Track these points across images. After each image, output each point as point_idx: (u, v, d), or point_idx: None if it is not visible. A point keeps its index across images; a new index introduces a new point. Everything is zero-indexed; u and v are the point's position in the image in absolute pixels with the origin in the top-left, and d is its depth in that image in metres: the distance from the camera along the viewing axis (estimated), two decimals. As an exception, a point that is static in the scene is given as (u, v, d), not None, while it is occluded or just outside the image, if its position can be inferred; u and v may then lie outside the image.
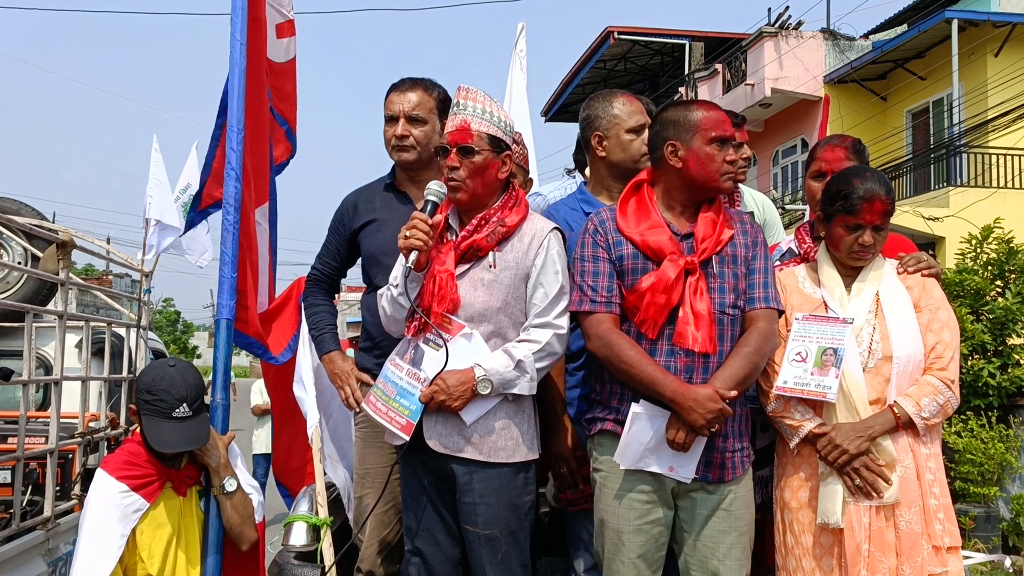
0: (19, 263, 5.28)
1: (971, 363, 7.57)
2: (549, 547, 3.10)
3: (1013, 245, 8.00)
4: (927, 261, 2.71)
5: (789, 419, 2.57)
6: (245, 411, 9.62)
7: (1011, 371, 7.60)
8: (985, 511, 7.21)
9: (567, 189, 3.42)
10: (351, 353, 3.30)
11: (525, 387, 2.53)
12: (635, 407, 2.46)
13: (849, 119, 16.18)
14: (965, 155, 14.96)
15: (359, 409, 2.85)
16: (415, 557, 2.66)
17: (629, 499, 2.49)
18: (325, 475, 3.29)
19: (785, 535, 2.60)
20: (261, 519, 2.85)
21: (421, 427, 2.55)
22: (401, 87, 3.01)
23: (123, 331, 5.38)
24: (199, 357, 52.42)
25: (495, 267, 2.58)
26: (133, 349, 5.16)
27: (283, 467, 4.14)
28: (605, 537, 2.53)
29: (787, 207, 16.41)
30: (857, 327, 2.54)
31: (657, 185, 2.62)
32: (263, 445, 8.71)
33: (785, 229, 3.81)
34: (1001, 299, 7.76)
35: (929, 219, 13.94)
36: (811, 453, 2.55)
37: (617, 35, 20.64)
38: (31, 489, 4.28)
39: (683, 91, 20.34)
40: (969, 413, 7.56)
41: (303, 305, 3.25)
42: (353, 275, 3.42)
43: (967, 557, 2.99)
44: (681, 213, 2.59)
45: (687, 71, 20.73)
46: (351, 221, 3.06)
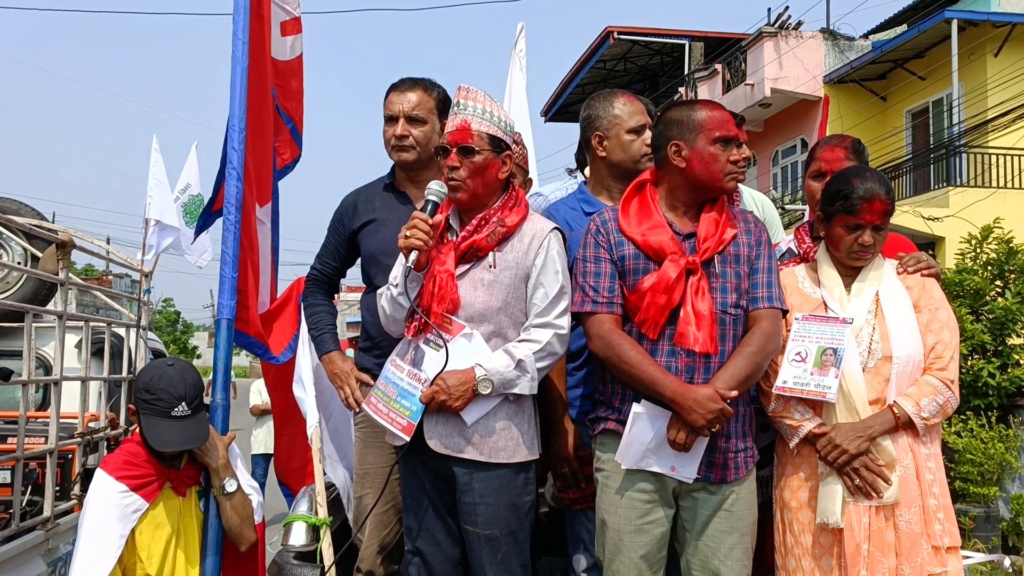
0: (19, 263, 5.28)
1: (971, 363, 7.57)
2: (549, 547, 3.10)
3: (1013, 245, 8.00)
4: (927, 261, 2.71)
5: (789, 419, 2.57)
6: (244, 411, 9.62)
7: (1011, 371, 7.60)
8: (985, 511, 7.21)
9: (568, 189, 3.41)
10: (351, 353, 3.30)
11: (526, 387, 2.53)
12: (636, 407, 2.46)
13: (849, 119, 16.18)
14: (965, 155, 14.97)
15: (359, 409, 2.85)
16: (415, 557, 2.66)
17: (630, 499, 2.49)
18: (325, 475, 3.29)
19: (785, 535, 2.60)
20: (260, 520, 2.85)
21: (421, 427, 2.55)
22: (401, 87, 3.01)
23: (123, 331, 5.37)
24: (199, 357, 52.40)
25: (495, 267, 2.58)
26: (133, 349, 5.16)
27: (284, 467, 4.14)
28: (606, 537, 2.53)
29: (787, 207, 16.42)
30: (857, 327, 2.54)
31: (660, 185, 2.62)
32: (262, 445, 8.70)
33: (785, 229, 3.81)
34: (1001, 299, 7.76)
35: (929, 219, 13.94)
36: (811, 453, 2.55)
37: (617, 35, 20.65)
38: (31, 489, 4.28)
39: (683, 91, 20.34)
40: (969, 413, 7.56)
41: (302, 305, 3.25)
42: (353, 275, 3.42)
43: (967, 557, 2.99)
44: (684, 213, 2.59)
45: (687, 71, 20.74)
46: (350, 221, 3.06)
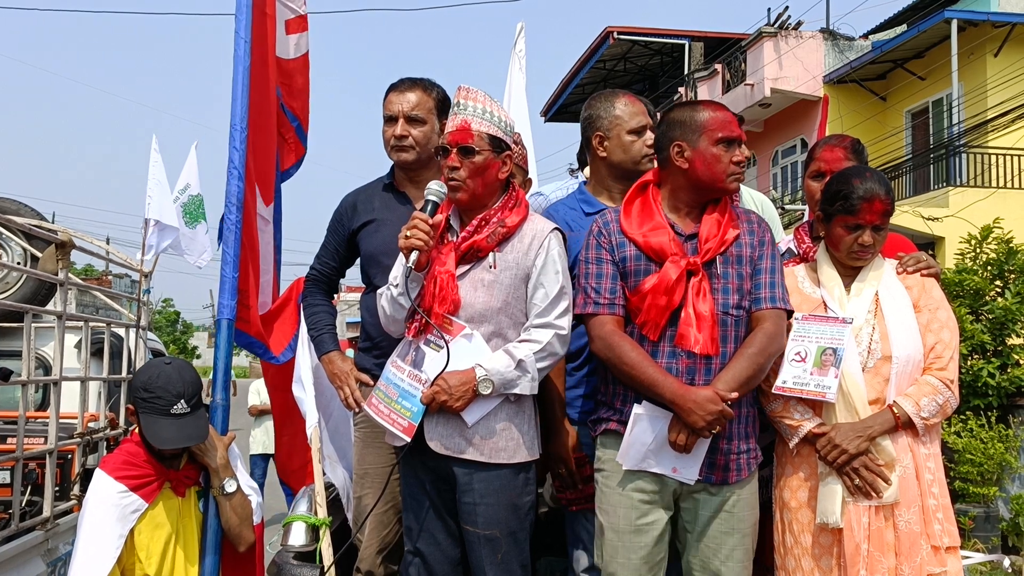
0: (18, 263, 5.28)
1: (970, 363, 7.57)
2: (548, 547, 3.10)
3: (1012, 245, 7.99)
4: (926, 261, 2.71)
5: (788, 419, 2.57)
6: (243, 411, 9.62)
7: (1010, 371, 7.60)
8: (984, 511, 7.21)
9: (569, 188, 3.41)
10: (350, 353, 3.30)
11: (526, 387, 2.53)
12: (637, 408, 2.46)
13: (849, 119, 16.19)
14: (964, 155, 14.97)
15: (358, 409, 2.85)
16: (415, 558, 2.66)
17: (630, 499, 2.49)
18: (324, 475, 3.29)
19: (784, 535, 2.59)
20: (260, 520, 2.85)
21: (422, 428, 2.54)
22: (400, 87, 3.01)
23: (122, 331, 5.37)
24: (199, 357, 52.40)
25: (495, 268, 2.58)
26: (132, 349, 5.16)
27: (285, 467, 4.14)
28: (606, 537, 2.53)
29: (787, 207, 16.42)
30: (856, 327, 2.54)
31: (663, 186, 2.62)
32: (260, 445, 8.70)
33: (785, 229, 3.81)
34: (1000, 299, 7.75)
35: (928, 219, 13.95)
36: (810, 453, 2.55)
37: (617, 35, 20.65)
38: (30, 489, 4.28)
39: (683, 91, 20.35)
40: (968, 413, 7.55)
41: (302, 305, 3.25)
42: (352, 275, 3.42)
43: (966, 557, 2.99)
44: (687, 214, 2.59)
45: (687, 71, 20.74)
46: (350, 221, 3.05)
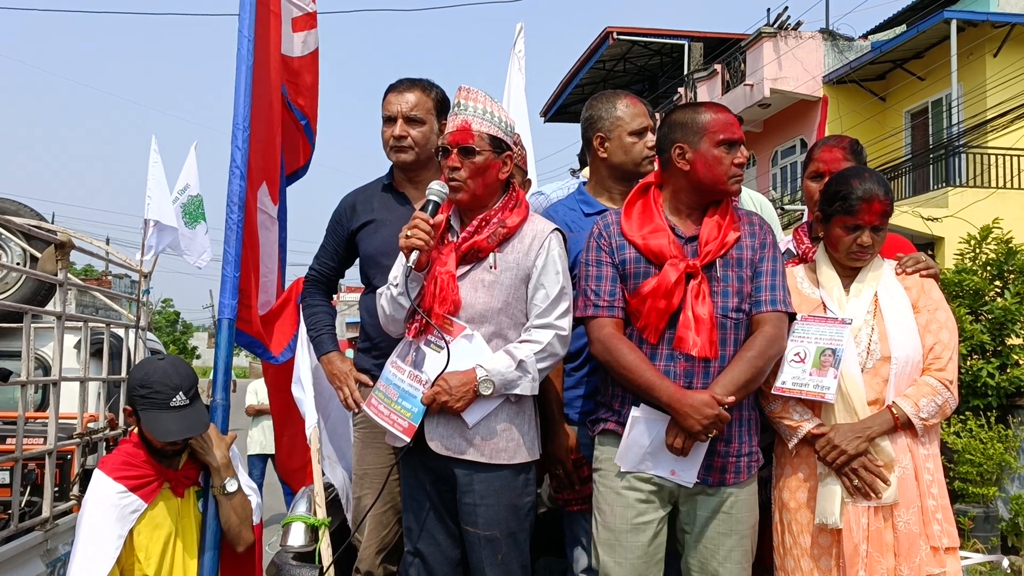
0: (18, 264, 5.28)
1: (970, 363, 7.57)
2: (547, 547, 3.10)
3: (1012, 245, 8.00)
4: (925, 262, 2.71)
5: (788, 420, 2.57)
6: (242, 411, 9.63)
7: (1010, 371, 7.60)
8: (984, 511, 7.21)
9: (570, 189, 3.41)
10: (350, 354, 3.30)
11: (527, 387, 2.53)
12: (635, 411, 2.46)
13: (848, 119, 16.19)
14: (964, 155, 14.97)
15: (358, 410, 2.85)
16: (415, 558, 2.66)
17: (628, 499, 2.49)
18: (324, 475, 3.29)
19: (783, 535, 2.59)
20: (259, 521, 2.85)
21: (422, 429, 2.54)
22: (399, 88, 3.00)
23: (122, 332, 5.37)
24: (198, 358, 52.38)
25: (496, 268, 2.58)
26: (132, 350, 5.16)
27: (285, 467, 4.14)
28: (603, 536, 2.53)
29: (786, 207, 16.42)
30: (855, 328, 2.54)
31: (665, 188, 2.62)
32: (258, 445, 8.71)
33: (784, 230, 3.81)
34: (1000, 299, 7.76)
35: (928, 219, 13.95)
36: (809, 454, 2.55)
37: (616, 35, 20.66)
38: (30, 490, 4.29)
39: (682, 92, 20.35)
40: (968, 413, 7.56)
41: (301, 306, 3.25)
42: (352, 275, 3.43)
43: (965, 558, 2.99)
44: (688, 216, 2.58)
45: (686, 71, 20.75)
46: (349, 222, 3.05)
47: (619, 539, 2.49)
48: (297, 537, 3.16)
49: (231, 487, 2.72)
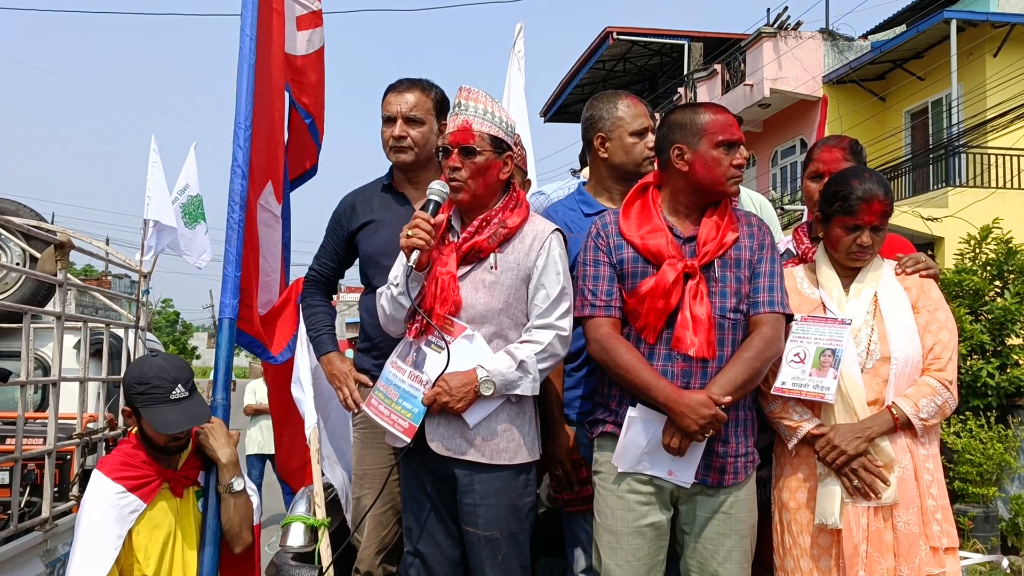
0: (17, 264, 5.28)
1: (970, 363, 7.57)
2: (547, 548, 3.10)
3: (1012, 245, 8.00)
4: (925, 262, 2.71)
5: (787, 420, 2.57)
6: (240, 411, 9.63)
7: (1010, 371, 7.60)
8: (984, 511, 7.22)
9: (571, 188, 3.41)
10: (350, 354, 3.30)
11: (528, 388, 2.52)
12: (631, 411, 2.46)
13: (848, 119, 16.20)
14: (964, 155, 14.97)
15: (357, 410, 2.85)
16: (415, 559, 2.66)
17: (628, 501, 2.49)
18: (323, 476, 3.29)
19: (783, 536, 2.59)
20: (258, 521, 2.84)
21: (423, 429, 2.54)
22: (398, 88, 3.00)
23: (121, 332, 5.37)
24: (198, 358, 52.39)
25: (496, 268, 2.58)
26: (131, 350, 5.16)
27: (285, 466, 4.14)
28: (603, 538, 2.53)
29: (786, 208, 16.42)
30: (855, 328, 2.54)
31: (663, 188, 2.62)
32: (256, 445, 8.72)
33: (784, 230, 3.81)
34: (1000, 299, 7.76)
35: (928, 219, 13.95)
36: (809, 454, 2.55)
37: (616, 35, 20.66)
38: (29, 490, 4.29)
39: (682, 92, 20.35)
40: (968, 413, 7.56)
41: (301, 306, 3.25)
42: (352, 276, 3.43)
43: (964, 558, 2.99)
44: (687, 216, 2.58)
45: (686, 71, 20.75)
46: (349, 222, 3.05)
47: (620, 542, 2.48)
48: (296, 537, 3.16)
49: (238, 485, 2.72)
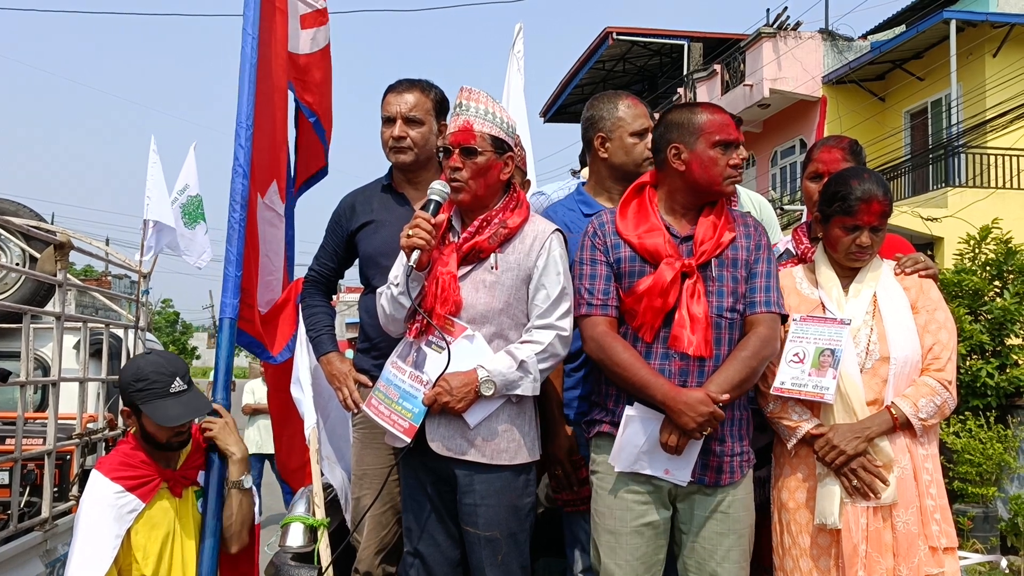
0: (17, 264, 5.28)
1: (969, 363, 7.58)
2: (547, 548, 3.10)
3: (1011, 245, 8.01)
4: (924, 262, 2.71)
5: (787, 420, 2.57)
6: (238, 411, 9.64)
7: (1009, 371, 7.61)
8: (983, 511, 7.22)
9: (571, 188, 3.41)
10: (350, 354, 3.30)
11: (528, 388, 2.53)
12: (629, 410, 2.46)
13: (848, 120, 16.20)
14: (963, 155, 14.97)
15: (357, 410, 2.85)
16: (415, 559, 2.66)
17: (626, 501, 2.49)
18: (322, 476, 3.29)
19: (782, 535, 2.60)
20: (257, 521, 2.85)
21: (423, 429, 2.54)
22: (398, 88, 3.01)
23: (121, 332, 5.37)
24: (198, 358, 52.38)
25: (497, 269, 2.58)
26: (131, 350, 5.16)
27: (284, 466, 4.14)
28: (602, 539, 2.53)
29: (785, 208, 16.42)
30: (855, 328, 2.54)
31: (660, 187, 2.62)
32: (254, 445, 8.72)
33: (784, 230, 3.81)
34: (999, 299, 7.77)
35: (927, 219, 13.95)
36: (808, 454, 2.55)
37: (616, 36, 20.66)
38: (29, 490, 4.29)
39: (682, 92, 20.36)
40: (967, 413, 7.56)
41: (300, 306, 3.25)
42: (351, 276, 3.43)
43: (964, 558, 3.00)
44: (683, 216, 2.59)
45: (686, 72, 20.75)
46: (348, 222, 3.05)
47: (619, 542, 2.49)
48: (296, 537, 3.16)
49: (247, 483, 2.73)
